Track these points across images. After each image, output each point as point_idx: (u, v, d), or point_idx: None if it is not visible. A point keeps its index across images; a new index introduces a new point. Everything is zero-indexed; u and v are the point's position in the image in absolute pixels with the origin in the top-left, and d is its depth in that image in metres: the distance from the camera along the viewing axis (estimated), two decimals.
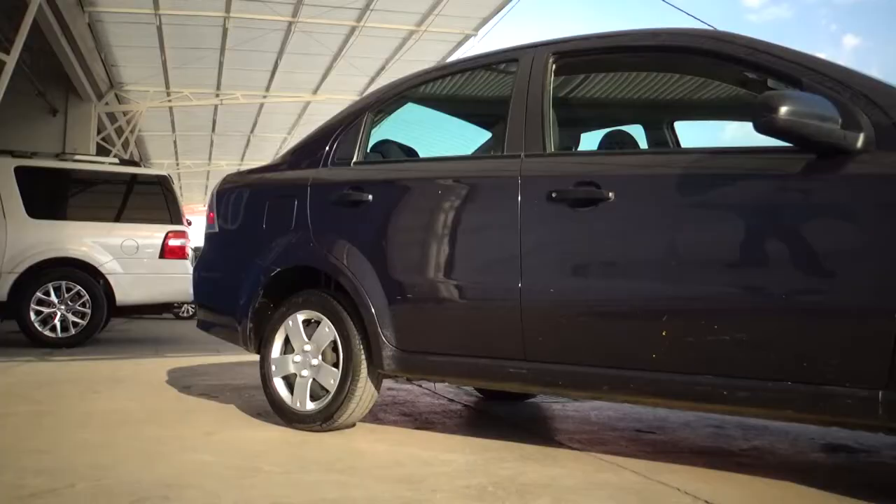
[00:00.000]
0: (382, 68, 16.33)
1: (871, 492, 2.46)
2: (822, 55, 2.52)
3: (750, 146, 2.51)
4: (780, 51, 2.53)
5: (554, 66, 3.02)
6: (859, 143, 2.25)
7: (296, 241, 3.49)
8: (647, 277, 2.58)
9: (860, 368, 2.19)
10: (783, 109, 2.20)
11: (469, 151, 3.87)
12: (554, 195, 2.75)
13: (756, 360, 2.35)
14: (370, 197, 3.28)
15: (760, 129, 2.28)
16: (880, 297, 2.15)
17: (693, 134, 4.08)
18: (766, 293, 2.37)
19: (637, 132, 3.78)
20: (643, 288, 2.58)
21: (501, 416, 3.87)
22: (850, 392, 2.20)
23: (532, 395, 4.30)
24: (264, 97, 18.21)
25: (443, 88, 3.71)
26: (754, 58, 2.57)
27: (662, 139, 3.83)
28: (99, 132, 17.30)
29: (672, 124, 3.86)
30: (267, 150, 23.52)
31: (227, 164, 24.92)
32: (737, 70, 2.76)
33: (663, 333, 2.49)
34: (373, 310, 3.15)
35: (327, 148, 3.58)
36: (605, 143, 3.41)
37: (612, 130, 3.56)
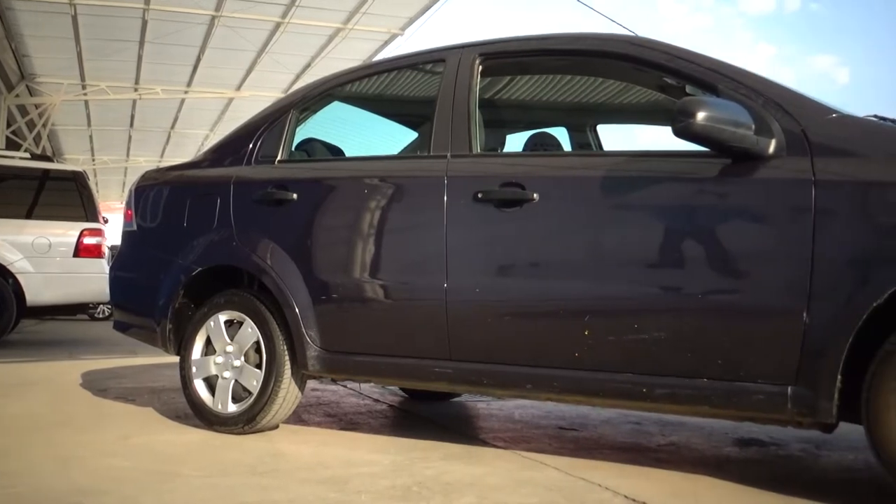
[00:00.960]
0: (308, 66, 16.14)
1: (780, 483, 2.57)
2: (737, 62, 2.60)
3: (669, 150, 2.58)
4: (698, 58, 2.61)
5: (480, 68, 3.04)
6: (771, 149, 2.34)
7: (218, 239, 3.42)
8: (571, 277, 2.63)
9: (770, 365, 2.28)
10: (700, 115, 2.28)
11: (395, 151, 3.86)
12: (480, 196, 2.78)
13: (674, 358, 2.42)
14: (295, 196, 3.24)
15: (678, 133, 2.35)
16: (789, 297, 2.25)
17: (615, 137, 4.17)
18: (684, 293, 2.44)
19: (561, 134, 3.85)
20: (566, 288, 2.63)
21: (427, 416, 3.88)
22: (761, 388, 2.29)
23: (457, 394, 4.32)
24: (185, 92, 17.76)
25: (369, 87, 3.70)
26: (673, 64, 2.64)
27: (586, 142, 3.91)
28: (9, 125, 16.58)
29: (595, 127, 3.94)
30: (188, 147, 22.96)
31: (145, 161, 24.20)
32: (657, 76, 2.84)
33: (586, 332, 2.54)
34: (297, 310, 3.12)
35: (251, 146, 3.52)
36: (529, 144, 3.45)
37: (537, 132, 3.61)
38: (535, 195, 2.68)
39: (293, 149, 3.54)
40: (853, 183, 2.23)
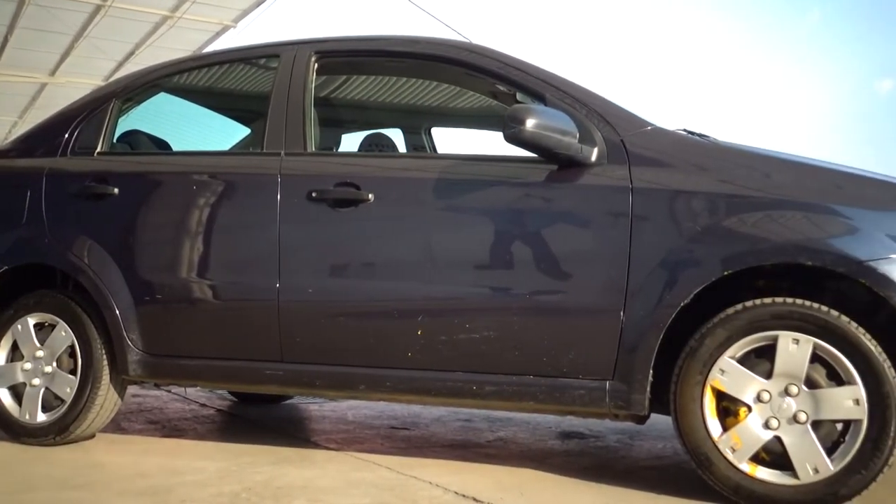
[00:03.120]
0: (132, 53, 15.24)
1: (598, 472, 2.72)
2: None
3: (499, 155, 2.67)
4: (528, 67, 2.72)
5: (316, 65, 3.00)
6: (593, 157, 2.48)
7: (28, 236, 3.16)
8: (404, 278, 2.66)
9: (591, 362, 2.42)
10: (529, 122, 2.37)
11: (226, 147, 3.74)
12: (314, 195, 2.74)
13: (503, 356, 2.51)
14: (116, 190, 3.05)
15: (509, 139, 2.44)
16: (608, 297, 2.39)
17: (450, 140, 4.26)
18: (512, 293, 2.53)
19: (396, 136, 3.88)
20: (400, 288, 2.65)
21: (257, 420, 3.78)
22: (582, 384, 2.43)
23: (289, 396, 4.24)
24: None
25: (199, 79, 3.55)
26: (505, 72, 2.73)
27: (420, 144, 3.96)
28: None
29: (430, 130, 4.00)
30: None
31: None
32: (489, 82, 2.93)
33: (418, 332, 2.58)
34: (117, 311, 2.94)
35: (67, 135, 3.28)
36: (365, 144, 3.45)
37: (373, 133, 3.61)
38: (369, 195, 2.69)
39: (115, 141, 3.34)
40: (665, 191, 2.41)
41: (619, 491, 2.49)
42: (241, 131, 3.92)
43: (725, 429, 2.31)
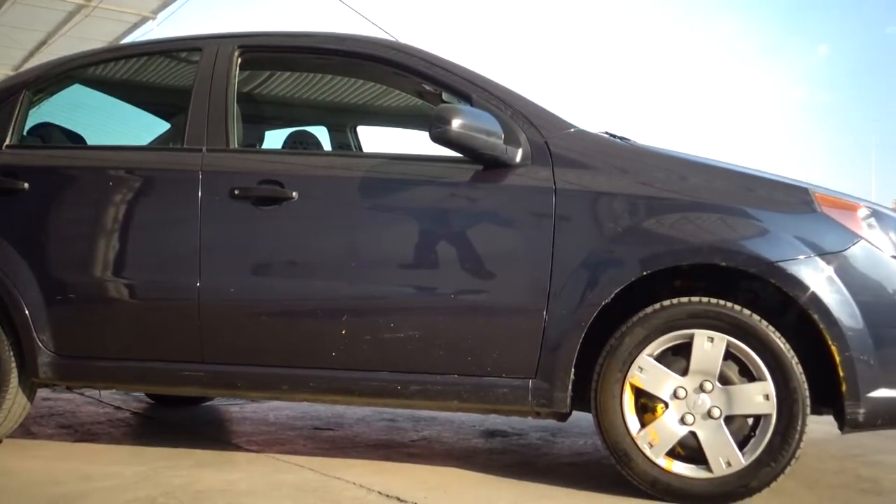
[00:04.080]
0: (44, 43, 14.64)
1: (520, 470, 2.76)
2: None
3: (425, 154, 2.68)
4: (454, 67, 2.73)
5: (239, 60, 2.94)
6: (518, 158, 2.51)
7: None
8: (329, 277, 2.64)
9: (514, 361, 2.45)
10: (455, 122, 2.39)
11: (145, 142, 3.63)
12: (237, 192, 2.69)
13: (427, 355, 2.52)
14: (27, 185, 2.92)
15: (435, 139, 2.45)
16: (532, 297, 2.43)
17: (375, 139, 4.25)
18: (437, 293, 2.55)
19: (321, 134, 3.84)
20: (324, 288, 2.63)
21: (175, 422, 3.69)
22: (506, 382, 2.45)
23: (209, 398, 4.15)
24: None
25: (117, 72, 3.44)
26: (431, 71, 2.74)
27: (346, 142, 3.94)
28: None
29: (355, 129, 3.98)
30: None
31: None
32: (416, 82, 2.93)
33: (343, 332, 2.56)
34: (27, 312, 2.82)
35: None
36: (289, 142, 3.41)
37: (297, 130, 3.57)
38: (293, 194, 2.65)
39: (25, 133, 3.20)
40: (587, 192, 2.46)
41: (540, 487, 2.52)
42: (161, 126, 3.81)
43: (643, 425, 2.37)
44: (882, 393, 2.27)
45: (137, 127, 3.92)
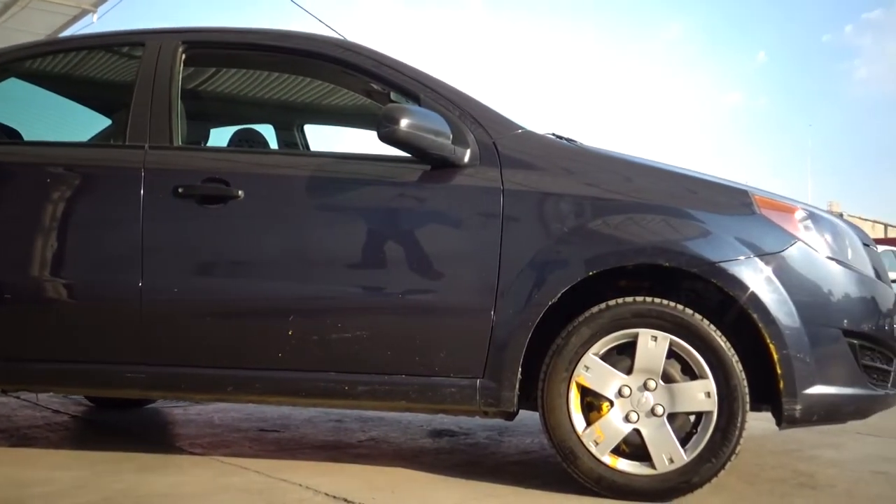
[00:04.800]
0: None
1: (468, 469, 2.78)
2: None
3: (374, 154, 2.67)
4: (403, 67, 2.73)
5: (184, 56, 2.89)
6: (466, 158, 2.52)
7: None
8: (275, 277, 2.61)
9: (462, 361, 2.46)
10: (403, 122, 2.38)
11: (84, 138, 3.54)
12: (180, 190, 2.64)
13: (375, 355, 2.51)
14: None
15: (383, 138, 2.44)
16: (480, 297, 2.44)
17: (323, 138, 4.22)
18: (385, 293, 2.54)
19: (268, 132, 3.80)
20: (271, 288, 2.60)
21: (116, 426, 3.61)
22: (454, 382, 2.46)
23: (151, 400, 4.07)
24: None
25: (55, 65, 3.35)
26: (379, 71, 2.73)
27: (293, 141, 3.90)
28: None
29: (302, 127, 3.94)
30: None
31: None
32: (364, 81, 2.92)
33: (289, 332, 2.54)
34: None
35: None
36: (234, 140, 3.36)
37: (243, 128, 3.53)
38: (239, 192, 2.62)
39: None
40: (534, 193, 2.49)
41: (488, 486, 2.54)
42: (101, 122, 3.72)
43: (589, 423, 2.40)
44: (817, 389, 2.34)
45: (76, 123, 3.82)
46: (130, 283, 2.63)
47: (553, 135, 2.75)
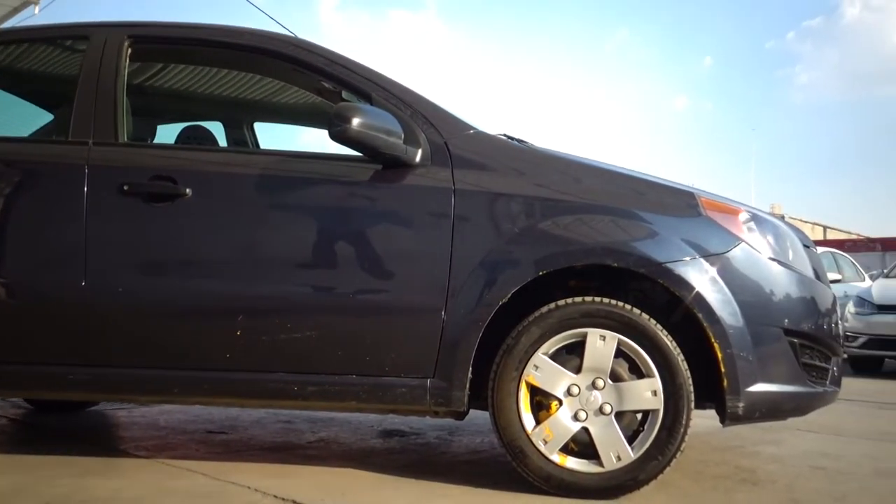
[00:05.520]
0: None
1: (418, 469, 2.77)
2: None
3: (325, 153, 2.65)
4: (355, 66, 2.71)
5: (130, 50, 2.83)
6: (418, 158, 2.52)
7: None
8: (224, 277, 2.57)
9: (413, 360, 2.46)
10: (355, 121, 2.37)
11: (26, 133, 3.44)
12: (126, 188, 2.59)
13: (325, 355, 2.49)
14: None
15: (334, 137, 2.43)
16: (431, 296, 2.44)
17: (274, 136, 4.17)
18: (336, 292, 2.52)
19: (217, 129, 3.74)
20: (219, 287, 2.56)
21: (56, 429, 3.52)
22: (404, 382, 2.46)
23: (95, 402, 3.98)
24: None
25: None
26: (331, 69, 2.71)
27: (242, 139, 3.85)
28: None
29: (252, 125, 3.89)
30: None
31: None
32: (316, 79, 2.89)
33: (238, 333, 2.50)
34: None
35: None
36: (183, 137, 3.30)
37: (191, 125, 3.47)
38: (187, 190, 2.57)
39: None
40: (485, 193, 2.50)
41: (438, 486, 2.54)
42: (43, 117, 3.62)
43: (538, 422, 2.43)
44: (760, 387, 2.40)
45: (16, 117, 3.71)
46: (73, 282, 2.57)
47: (504, 136, 2.77)
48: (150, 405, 4.02)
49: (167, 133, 3.72)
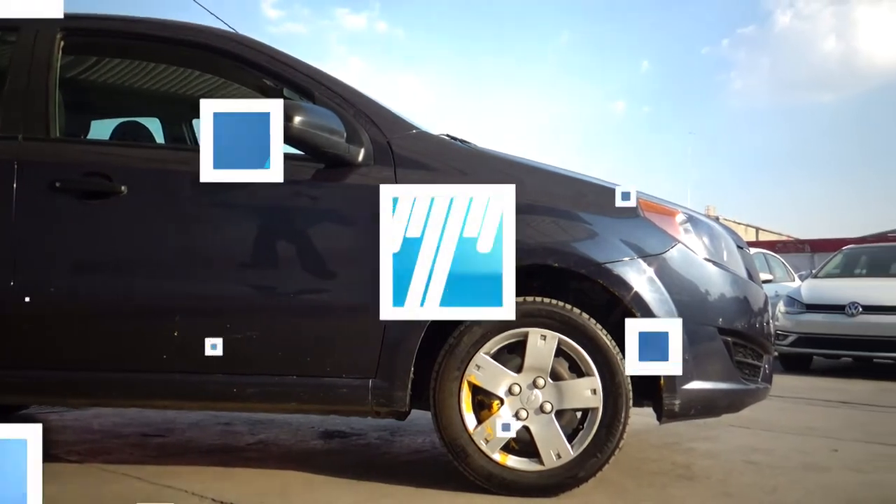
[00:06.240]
0: None
1: (360, 470, 2.76)
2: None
3: None
4: (297, 63, 2.68)
5: (62, 43, 2.74)
6: (360, 157, 2.51)
7: None
8: (160, 276, 2.52)
9: (354, 361, 2.45)
10: (297, 119, 2.35)
11: None
12: (58, 185, 2.51)
13: (265, 356, 2.46)
14: None
15: None
16: (372, 297, 2.42)
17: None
18: (277, 292, 2.49)
19: (154, 126, 3.66)
20: (155, 287, 2.51)
21: None
22: (346, 382, 2.44)
23: (24, 406, 3.85)
24: None
25: None
26: (273, 66, 2.68)
27: (180, 135, 3.77)
28: None
29: (191, 122, 3.82)
30: None
31: None
32: (257, 76, 2.85)
33: (175, 333, 2.46)
34: None
35: None
36: (118, 133, 3.22)
37: (127, 121, 3.38)
38: (122, 187, 2.51)
39: None
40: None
41: (381, 487, 2.53)
42: None
43: (480, 421, 2.44)
44: (695, 385, 2.46)
45: None
46: (2, 282, 2.48)
47: (447, 136, 2.78)
48: (83, 409, 3.91)
49: (102, 129, 3.63)
